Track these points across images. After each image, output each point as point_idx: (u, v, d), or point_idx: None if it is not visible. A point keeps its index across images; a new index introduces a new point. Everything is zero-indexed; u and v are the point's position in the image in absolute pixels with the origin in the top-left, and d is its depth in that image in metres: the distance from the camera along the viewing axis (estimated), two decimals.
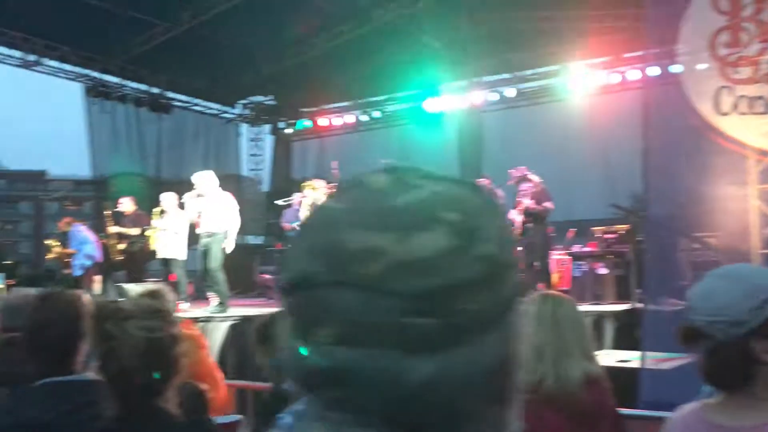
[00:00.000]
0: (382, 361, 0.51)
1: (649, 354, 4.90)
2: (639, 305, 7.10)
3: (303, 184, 9.02)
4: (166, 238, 9.34)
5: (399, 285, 0.51)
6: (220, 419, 2.62)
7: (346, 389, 0.52)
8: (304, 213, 8.59)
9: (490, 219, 0.56)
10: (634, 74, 11.67)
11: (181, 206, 8.75)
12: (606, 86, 12.23)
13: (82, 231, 10.89)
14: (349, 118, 15.27)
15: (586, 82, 12.30)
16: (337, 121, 15.43)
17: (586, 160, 11.94)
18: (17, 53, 12.17)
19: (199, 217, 8.24)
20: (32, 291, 3.39)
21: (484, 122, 13.45)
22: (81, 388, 1.99)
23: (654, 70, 9.03)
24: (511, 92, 13.15)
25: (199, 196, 8.24)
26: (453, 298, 0.51)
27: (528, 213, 8.78)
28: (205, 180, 8.28)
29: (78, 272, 10.57)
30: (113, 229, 10.43)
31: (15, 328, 2.63)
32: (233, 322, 7.35)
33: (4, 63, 12.24)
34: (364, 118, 14.98)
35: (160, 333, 1.71)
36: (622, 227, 9.26)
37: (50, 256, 11.28)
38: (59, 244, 11.01)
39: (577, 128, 12.07)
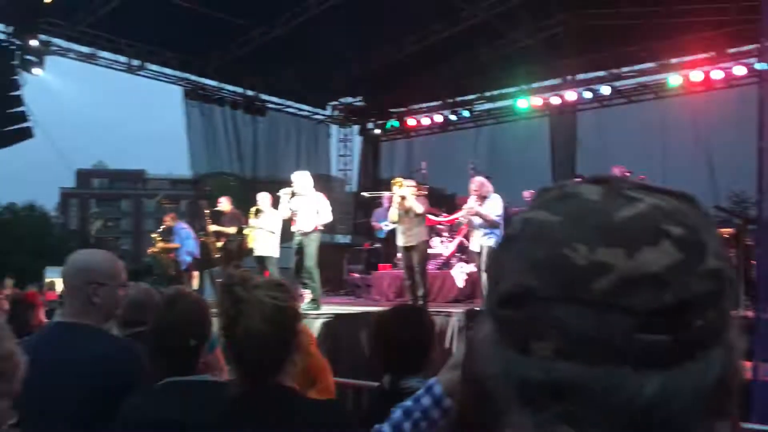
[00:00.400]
0: (610, 377, 0.50)
1: (763, 365, 4.65)
2: (746, 313, 6.75)
3: (392, 181, 9.06)
4: (262, 236, 9.64)
5: (630, 301, 0.50)
6: None
7: (567, 404, 0.51)
8: (393, 211, 8.63)
9: (712, 232, 0.54)
10: (739, 70, 11.12)
11: (276, 204, 9.00)
12: (707, 82, 11.68)
13: (185, 228, 11.38)
14: (438, 118, 15.14)
15: (686, 79, 11.79)
16: (426, 120, 15.34)
17: (686, 159, 11.43)
18: (123, 59, 12.77)
19: (293, 215, 8.47)
20: (146, 285, 3.56)
21: (577, 121, 13.13)
22: (204, 388, 2.08)
23: (763, 66, 8.53)
24: (605, 90, 12.78)
25: (294, 194, 8.48)
26: (684, 314, 0.50)
27: None
28: (303, 180, 8.53)
29: (182, 267, 11.10)
30: (212, 227, 10.85)
31: (139, 322, 2.74)
32: (326, 319, 7.49)
33: (112, 68, 12.87)
34: (453, 117, 14.83)
35: (285, 303, 1.76)
36: (726, 230, 8.80)
37: (153, 249, 11.80)
38: (162, 238, 11.53)
39: (677, 127, 11.60)
